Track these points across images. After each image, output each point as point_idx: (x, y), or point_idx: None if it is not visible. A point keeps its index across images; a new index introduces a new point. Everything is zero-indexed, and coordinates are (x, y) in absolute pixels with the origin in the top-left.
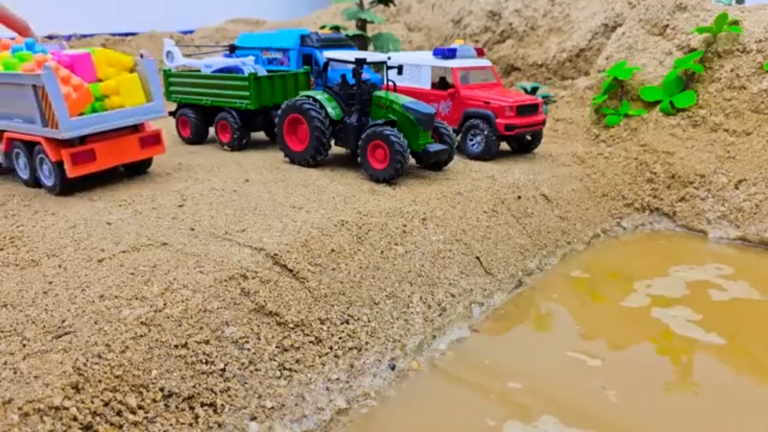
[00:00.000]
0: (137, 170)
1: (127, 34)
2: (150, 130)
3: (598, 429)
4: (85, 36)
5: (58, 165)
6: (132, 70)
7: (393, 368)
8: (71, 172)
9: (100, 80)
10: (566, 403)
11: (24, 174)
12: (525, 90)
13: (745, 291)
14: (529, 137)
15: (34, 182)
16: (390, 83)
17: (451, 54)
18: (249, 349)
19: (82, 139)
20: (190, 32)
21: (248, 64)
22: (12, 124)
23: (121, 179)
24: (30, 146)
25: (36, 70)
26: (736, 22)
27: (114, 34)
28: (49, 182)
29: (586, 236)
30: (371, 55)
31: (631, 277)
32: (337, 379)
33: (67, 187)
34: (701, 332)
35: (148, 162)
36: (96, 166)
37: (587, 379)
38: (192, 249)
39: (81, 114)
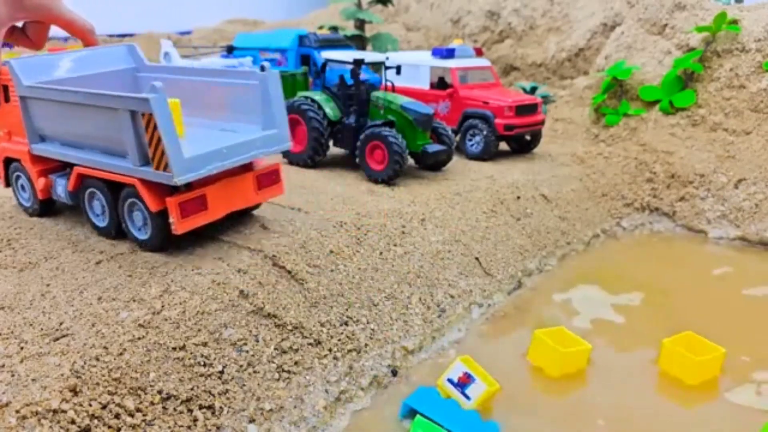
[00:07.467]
0: (243, 213)
1: (124, 35)
2: (265, 166)
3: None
4: None
5: (159, 216)
6: None
7: (393, 372)
8: (180, 226)
9: None
10: (571, 400)
11: (101, 221)
12: (524, 90)
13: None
14: (528, 137)
15: (117, 233)
16: (388, 83)
17: (449, 54)
18: (247, 351)
19: (188, 183)
20: (188, 33)
21: (246, 65)
22: (87, 158)
23: None
24: (114, 187)
25: None
26: (735, 21)
27: (111, 35)
28: (142, 235)
29: (585, 236)
30: (369, 56)
31: (630, 278)
32: (337, 381)
33: (169, 243)
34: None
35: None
36: (208, 217)
37: (588, 378)
38: (190, 250)
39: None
